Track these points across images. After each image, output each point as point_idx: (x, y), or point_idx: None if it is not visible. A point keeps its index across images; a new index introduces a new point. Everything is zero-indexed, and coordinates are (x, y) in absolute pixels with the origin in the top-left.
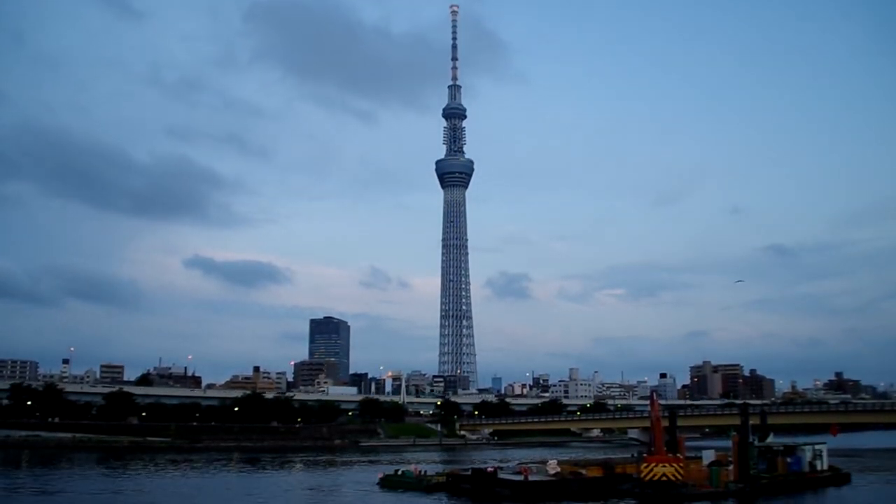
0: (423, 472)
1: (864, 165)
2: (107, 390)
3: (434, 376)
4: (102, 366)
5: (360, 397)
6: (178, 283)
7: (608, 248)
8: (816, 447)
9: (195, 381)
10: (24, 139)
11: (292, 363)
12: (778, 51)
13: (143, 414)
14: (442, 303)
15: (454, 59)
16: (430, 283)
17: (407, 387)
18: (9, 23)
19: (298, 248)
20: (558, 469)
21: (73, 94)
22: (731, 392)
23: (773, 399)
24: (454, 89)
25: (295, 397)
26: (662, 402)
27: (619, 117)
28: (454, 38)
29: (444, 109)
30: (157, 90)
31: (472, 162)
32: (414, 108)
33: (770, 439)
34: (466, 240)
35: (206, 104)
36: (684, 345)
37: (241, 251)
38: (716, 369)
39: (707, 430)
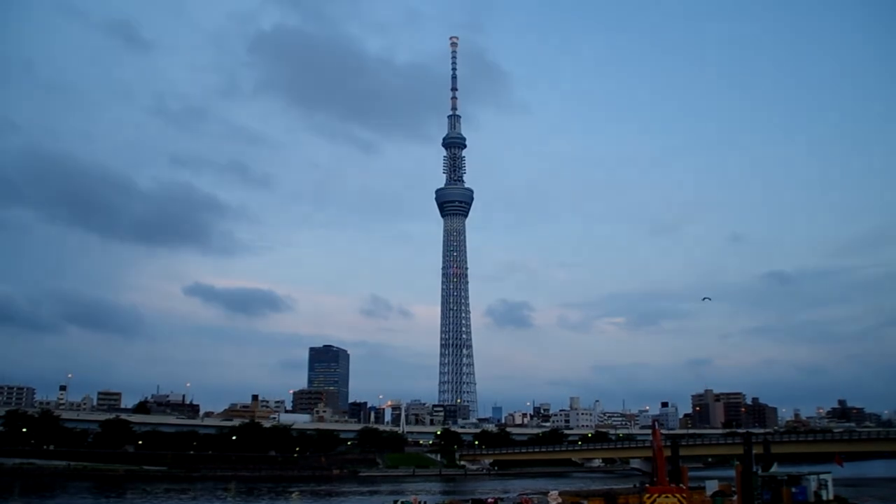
0: None
1: (864, 192)
2: (103, 417)
3: (434, 405)
4: (100, 393)
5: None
6: (179, 310)
7: (608, 276)
8: (821, 477)
9: (193, 409)
10: (29, 165)
11: (291, 392)
12: (775, 79)
13: (140, 442)
14: (442, 331)
15: (454, 89)
16: (430, 312)
17: (406, 416)
18: (18, 51)
19: (299, 275)
20: (560, 500)
21: (80, 121)
22: (734, 421)
23: (776, 428)
24: (454, 119)
25: (294, 426)
26: (664, 431)
27: (618, 146)
28: (454, 69)
29: (444, 139)
30: (162, 118)
31: (471, 191)
32: (415, 138)
33: (774, 469)
34: (466, 268)
35: (209, 133)
36: (685, 373)
37: (241, 279)
38: (717, 398)
39: (710, 459)
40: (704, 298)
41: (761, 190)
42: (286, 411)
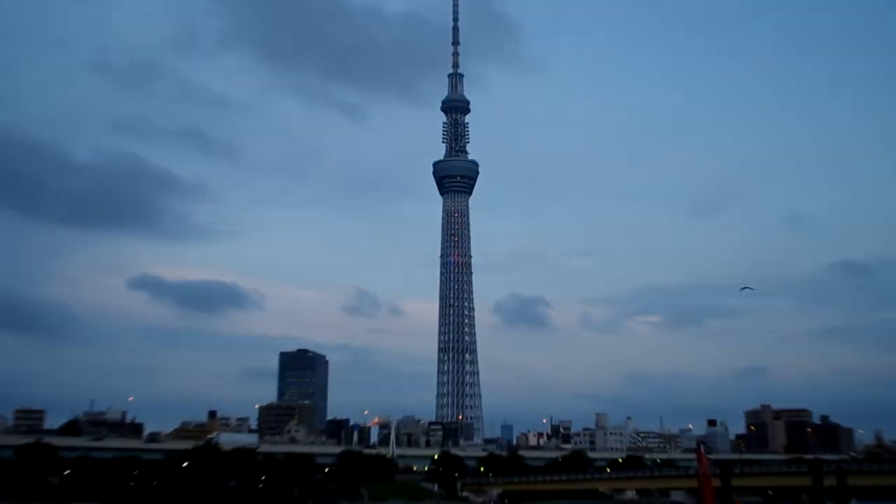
0: None
1: None
2: (21, 442)
3: (430, 423)
4: (17, 411)
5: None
6: (121, 307)
7: (641, 266)
8: None
9: (135, 430)
10: None
11: (258, 406)
12: (843, 28)
13: (68, 472)
14: (441, 333)
15: (455, 43)
16: (426, 309)
17: (397, 436)
18: None
19: (269, 266)
20: None
21: (3, 79)
22: (798, 444)
23: (852, 454)
24: (455, 78)
25: (259, 449)
26: (712, 456)
27: (652, 111)
28: (455, 20)
29: (443, 102)
30: (104, 77)
31: (476, 164)
32: (408, 101)
33: None
34: (470, 256)
35: (162, 94)
36: (737, 384)
37: (199, 269)
38: (777, 415)
39: (770, 492)
40: (743, 288)
41: (827, 162)
42: (249, 430)
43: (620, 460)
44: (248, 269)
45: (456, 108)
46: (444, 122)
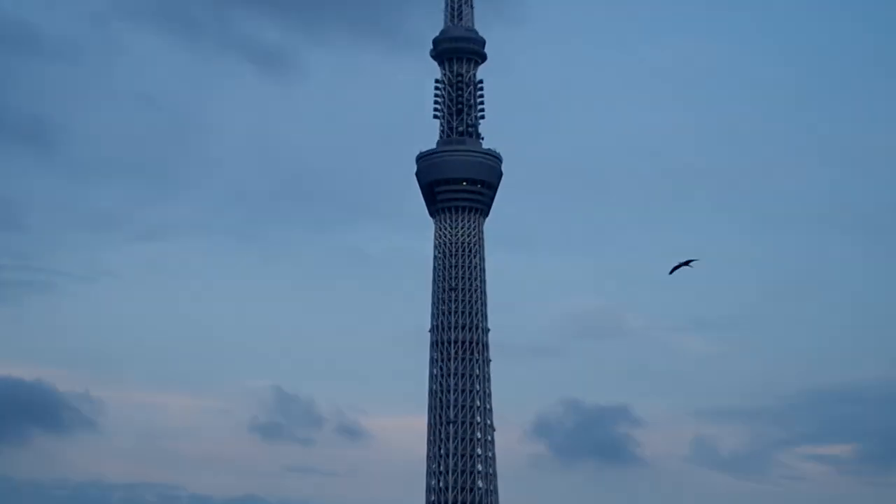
0: None
1: None
2: None
3: None
4: None
5: None
6: None
7: (810, 349)
8: None
9: None
10: None
11: None
12: None
13: None
14: (432, 473)
15: None
16: (405, 428)
17: None
18: None
19: (109, 349)
20: None
21: None
22: None
23: None
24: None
25: None
26: None
27: (828, 60)
28: None
29: (436, 42)
30: None
31: (497, 157)
32: (374, 42)
33: None
34: (486, 331)
35: None
36: None
37: None
38: None
39: None
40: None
41: None
42: None
43: None
44: (67, 355)
45: (460, 52)
46: (437, 81)
